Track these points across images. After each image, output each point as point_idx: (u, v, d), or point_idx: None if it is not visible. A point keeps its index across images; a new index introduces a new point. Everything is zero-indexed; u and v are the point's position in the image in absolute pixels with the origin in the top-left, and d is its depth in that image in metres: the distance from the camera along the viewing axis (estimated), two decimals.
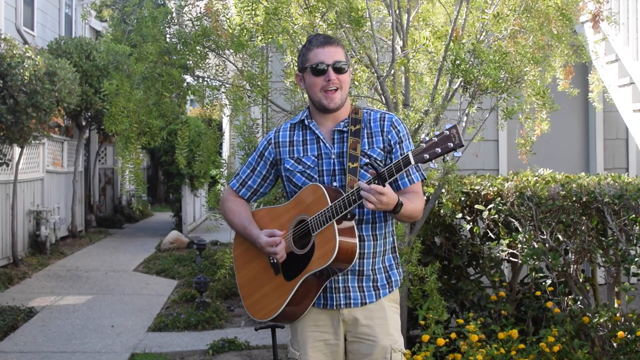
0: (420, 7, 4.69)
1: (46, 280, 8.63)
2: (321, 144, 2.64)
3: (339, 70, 2.57)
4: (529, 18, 4.50)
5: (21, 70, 7.33)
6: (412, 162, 2.34)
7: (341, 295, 2.59)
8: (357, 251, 2.49)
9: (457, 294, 4.80)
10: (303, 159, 2.65)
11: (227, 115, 6.38)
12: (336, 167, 2.61)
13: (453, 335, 4.09)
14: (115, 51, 11.55)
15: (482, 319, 4.25)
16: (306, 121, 2.68)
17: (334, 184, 2.60)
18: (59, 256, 10.26)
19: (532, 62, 4.36)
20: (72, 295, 7.86)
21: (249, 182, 2.78)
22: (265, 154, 2.74)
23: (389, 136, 2.63)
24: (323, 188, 2.52)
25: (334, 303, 2.60)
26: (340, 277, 2.58)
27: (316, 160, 2.63)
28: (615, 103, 6.26)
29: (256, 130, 4.41)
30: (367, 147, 2.61)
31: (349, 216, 2.49)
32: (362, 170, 2.57)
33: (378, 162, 2.58)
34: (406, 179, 2.61)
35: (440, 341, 3.90)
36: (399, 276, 2.70)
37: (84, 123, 12.44)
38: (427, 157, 2.33)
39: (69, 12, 14.51)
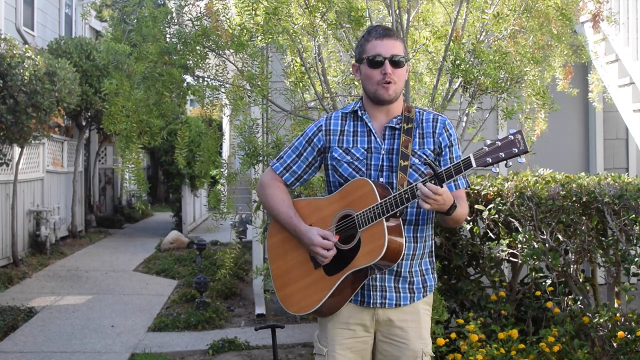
0: (420, 7, 4.69)
1: (46, 280, 8.63)
2: (372, 137, 2.60)
3: (395, 64, 2.54)
4: (529, 18, 4.50)
5: (21, 70, 7.33)
6: (474, 165, 2.30)
7: (378, 294, 2.56)
8: (403, 250, 2.47)
9: (457, 294, 4.79)
10: (352, 150, 2.60)
11: (227, 115, 6.39)
12: (384, 163, 2.57)
13: (453, 335, 4.09)
14: (115, 51, 11.54)
15: (482, 319, 4.25)
16: (359, 112, 2.64)
17: (381, 179, 2.56)
18: (59, 256, 10.26)
19: (532, 62, 4.36)
20: (72, 295, 7.86)
21: (294, 167, 2.69)
22: (315, 140, 2.67)
23: (440, 138, 2.61)
24: (372, 184, 2.47)
25: (371, 301, 2.56)
26: (378, 276, 2.55)
27: (365, 153, 2.59)
28: (615, 103, 6.26)
29: (256, 130, 4.41)
30: (417, 147, 2.58)
31: (398, 214, 2.46)
32: (410, 170, 2.54)
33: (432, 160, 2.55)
34: (452, 184, 2.56)
35: (440, 341, 3.91)
36: (434, 281, 2.67)
37: (84, 123, 12.44)
38: (490, 160, 2.29)
39: (69, 12, 14.51)
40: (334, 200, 2.58)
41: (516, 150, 2.28)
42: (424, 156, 2.56)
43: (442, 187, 2.35)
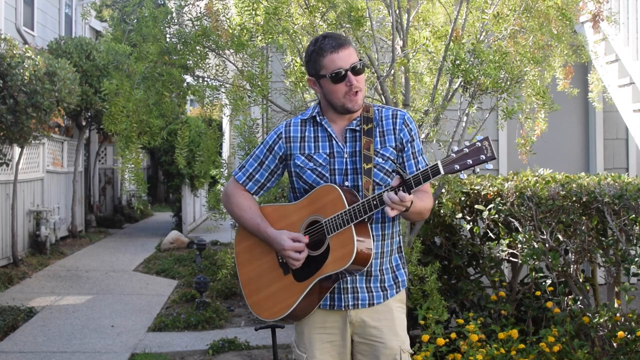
0: (420, 7, 4.69)
1: (46, 280, 8.63)
2: (333, 142, 2.59)
3: (357, 73, 2.52)
4: (529, 18, 4.50)
5: (21, 70, 7.33)
6: (442, 172, 2.31)
7: (349, 296, 2.56)
8: (372, 255, 2.47)
9: (457, 294, 4.80)
10: (314, 156, 2.59)
11: (227, 115, 6.39)
12: (348, 167, 2.56)
13: (453, 335, 4.09)
14: (115, 51, 11.55)
15: (482, 319, 4.25)
16: (318, 118, 2.62)
17: (346, 183, 2.56)
18: (59, 256, 10.26)
19: (532, 62, 4.36)
20: (72, 295, 7.86)
21: (257, 176, 2.69)
22: (275, 148, 2.65)
23: (401, 134, 2.60)
24: (339, 189, 2.47)
25: (342, 304, 2.57)
26: (348, 278, 2.55)
27: (328, 158, 2.58)
28: (615, 103, 6.26)
29: (256, 130, 4.41)
30: (379, 146, 2.57)
31: (366, 220, 2.46)
32: (375, 170, 2.53)
33: (397, 165, 2.54)
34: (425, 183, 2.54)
35: (440, 341, 3.91)
36: (405, 276, 2.68)
37: (84, 123, 12.44)
38: (458, 167, 2.30)
39: (69, 12, 14.51)
40: (301, 206, 2.57)
41: (483, 157, 2.28)
42: (387, 156, 2.56)
43: (410, 194, 2.34)
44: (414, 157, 2.60)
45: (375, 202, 2.40)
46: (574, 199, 4.24)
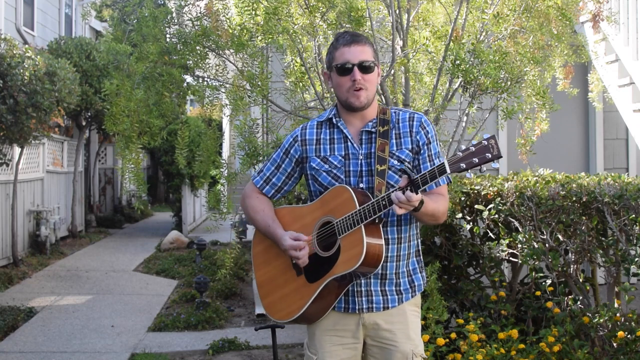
0: (420, 7, 4.69)
1: (46, 280, 8.63)
2: (349, 143, 2.60)
3: (365, 70, 2.53)
4: (529, 18, 4.50)
5: (21, 70, 7.33)
6: (448, 171, 2.29)
7: (363, 299, 2.55)
8: (384, 255, 2.46)
9: (457, 294, 4.79)
10: (330, 158, 2.60)
11: (227, 115, 6.39)
12: (363, 168, 2.57)
13: (453, 335, 4.09)
14: (116, 51, 11.55)
15: (482, 319, 4.25)
16: (334, 120, 2.63)
17: (361, 185, 2.55)
18: (59, 256, 10.26)
19: (532, 62, 4.37)
20: (72, 295, 7.86)
21: (273, 180, 2.72)
22: (291, 151, 2.68)
23: (418, 137, 2.60)
24: (351, 190, 2.47)
25: (356, 307, 2.55)
26: (362, 281, 2.53)
27: (343, 160, 2.59)
28: (615, 103, 6.26)
29: (256, 130, 4.42)
30: (395, 148, 2.57)
31: (376, 221, 2.45)
32: (389, 172, 2.52)
33: (408, 165, 2.54)
34: (432, 182, 2.52)
35: (440, 341, 3.90)
36: (423, 280, 2.65)
37: (84, 123, 12.44)
38: (464, 166, 2.28)
39: (69, 12, 14.51)
40: (315, 208, 2.58)
41: (489, 156, 2.26)
42: (403, 158, 2.56)
43: (417, 193, 2.33)
44: (430, 159, 2.60)
45: (384, 202, 2.39)
46: (574, 199, 4.24)
